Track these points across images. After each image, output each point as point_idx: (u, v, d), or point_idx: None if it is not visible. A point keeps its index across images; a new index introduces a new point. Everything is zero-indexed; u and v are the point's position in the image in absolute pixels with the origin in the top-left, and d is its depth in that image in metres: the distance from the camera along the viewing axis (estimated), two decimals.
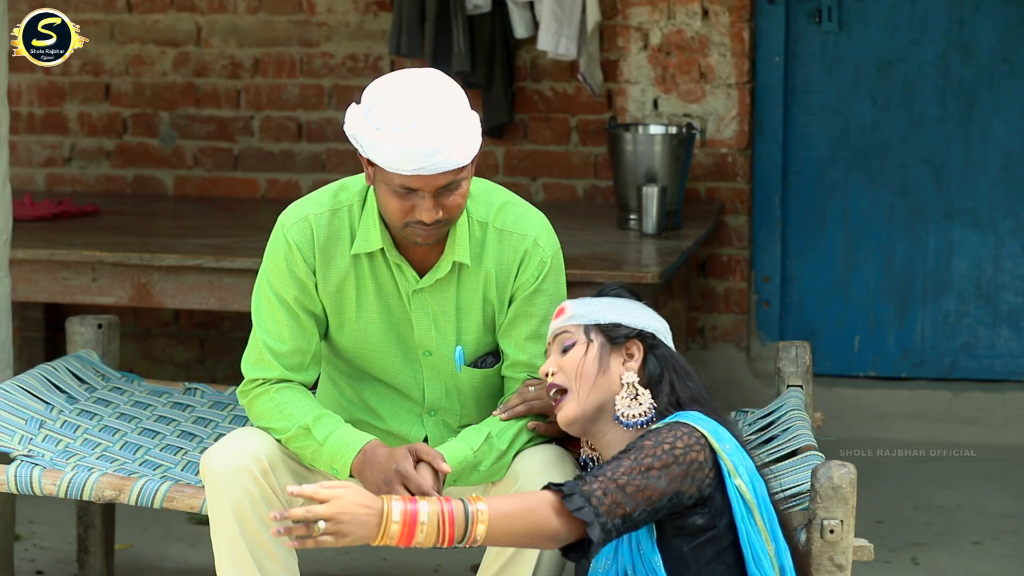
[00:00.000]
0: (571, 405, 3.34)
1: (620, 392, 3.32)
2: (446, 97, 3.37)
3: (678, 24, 6.11)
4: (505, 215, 3.58)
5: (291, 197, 6.38)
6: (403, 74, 3.42)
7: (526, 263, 3.56)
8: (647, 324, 3.38)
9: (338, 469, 3.48)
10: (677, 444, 3.11)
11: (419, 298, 3.56)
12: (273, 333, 3.57)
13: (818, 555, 3.34)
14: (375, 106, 3.37)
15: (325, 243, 3.55)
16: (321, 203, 3.58)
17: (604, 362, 3.33)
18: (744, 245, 6.19)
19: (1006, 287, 6.19)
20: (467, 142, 3.37)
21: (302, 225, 3.56)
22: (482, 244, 3.56)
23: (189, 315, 6.58)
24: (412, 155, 3.32)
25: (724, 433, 3.19)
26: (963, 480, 5.71)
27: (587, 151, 6.26)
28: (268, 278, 3.59)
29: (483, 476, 3.50)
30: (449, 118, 3.35)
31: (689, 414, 3.22)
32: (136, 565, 4.93)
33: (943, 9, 6.12)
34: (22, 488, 3.78)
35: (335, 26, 6.40)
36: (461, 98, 3.41)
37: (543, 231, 3.60)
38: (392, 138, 3.32)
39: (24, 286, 5.16)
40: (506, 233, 3.57)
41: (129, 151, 6.58)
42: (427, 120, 3.32)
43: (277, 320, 3.57)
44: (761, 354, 6.22)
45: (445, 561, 4.92)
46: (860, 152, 6.21)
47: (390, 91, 3.37)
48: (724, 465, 3.13)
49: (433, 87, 3.38)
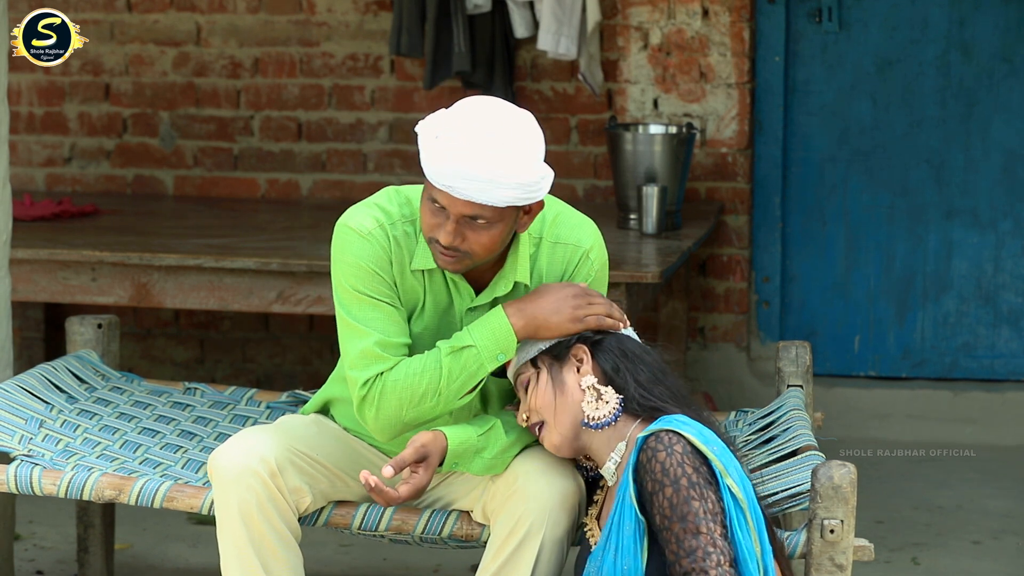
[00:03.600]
0: (550, 434, 3.42)
1: (583, 399, 3.38)
2: (515, 139, 3.35)
3: (678, 24, 6.11)
4: (558, 228, 3.57)
5: (291, 197, 6.42)
6: (497, 104, 3.40)
7: (575, 274, 3.56)
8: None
9: (504, 351, 3.43)
10: (688, 471, 3.12)
11: (472, 317, 3.55)
12: (381, 329, 3.49)
13: (818, 555, 3.34)
14: (452, 118, 3.37)
15: (398, 252, 3.52)
16: (390, 213, 3.53)
17: (558, 380, 3.41)
18: (744, 245, 6.18)
19: (1006, 287, 6.19)
20: (506, 187, 3.33)
21: (380, 232, 3.51)
22: (535, 259, 3.56)
23: (189, 315, 6.58)
24: (447, 170, 3.32)
25: (710, 435, 3.20)
26: (963, 480, 5.70)
27: (587, 151, 6.26)
28: (353, 283, 3.51)
29: (485, 464, 3.50)
30: (502, 157, 3.32)
31: (671, 419, 3.23)
32: (136, 565, 4.93)
33: (943, 9, 6.12)
34: (22, 488, 3.78)
35: (335, 26, 6.39)
36: (531, 148, 3.37)
37: (596, 243, 3.59)
38: (441, 147, 3.33)
39: (24, 286, 5.16)
40: (559, 245, 3.57)
41: (129, 151, 6.57)
42: (479, 145, 3.31)
43: (379, 317, 3.50)
44: (761, 354, 6.22)
45: (445, 561, 4.92)
46: (860, 152, 6.21)
47: (474, 111, 3.37)
48: (715, 466, 3.14)
49: (512, 126, 3.36)
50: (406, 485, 3.44)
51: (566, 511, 3.44)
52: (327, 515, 3.63)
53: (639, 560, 3.16)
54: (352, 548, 5.02)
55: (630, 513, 3.17)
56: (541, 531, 3.41)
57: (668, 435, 3.14)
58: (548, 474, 3.45)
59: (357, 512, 3.63)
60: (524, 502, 3.42)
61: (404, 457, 3.43)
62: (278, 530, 3.50)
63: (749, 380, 6.18)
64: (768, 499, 3.52)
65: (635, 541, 3.17)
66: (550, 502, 3.42)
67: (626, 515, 3.18)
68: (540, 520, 3.41)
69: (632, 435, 3.32)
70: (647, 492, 3.12)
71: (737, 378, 6.20)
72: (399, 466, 3.42)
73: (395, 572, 4.90)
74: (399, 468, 3.42)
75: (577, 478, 3.49)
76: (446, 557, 4.91)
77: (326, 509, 3.63)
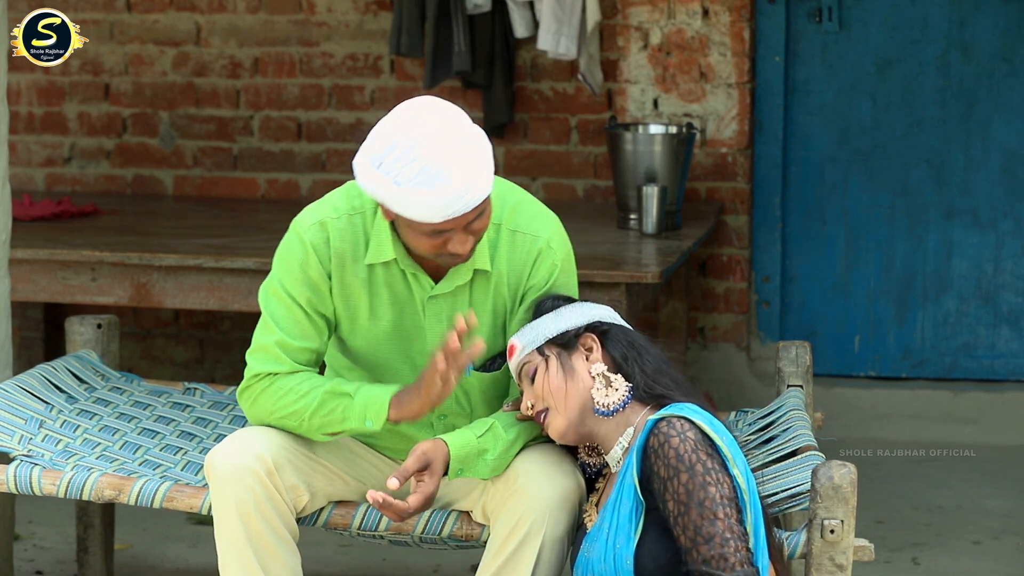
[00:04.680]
0: (556, 419, 3.41)
1: (593, 385, 3.38)
2: (456, 131, 3.32)
3: (678, 24, 6.10)
4: (518, 216, 3.57)
5: (291, 197, 6.42)
6: (403, 114, 3.35)
7: (538, 265, 3.55)
8: (591, 316, 3.47)
9: (372, 419, 3.48)
10: (702, 457, 3.13)
11: (434, 304, 3.55)
12: (286, 330, 3.54)
13: (818, 555, 3.34)
14: (386, 158, 3.31)
15: (341, 248, 3.54)
16: (338, 208, 3.55)
17: (568, 368, 3.41)
18: (744, 245, 6.18)
19: (1006, 287, 6.19)
20: (488, 169, 3.35)
21: (318, 229, 3.54)
22: (495, 246, 3.55)
23: (189, 315, 6.58)
24: (443, 205, 3.30)
25: (719, 425, 3.23)
26: (963, 480, 5.70)
27: (587, 151, 6.26)
28: (281, 278, 3.57)
29: (491, 466, 3.49)
30: (467, 155, 3.31)
31: (682, 406, 3.26)
32: (136, 565, 4.93)
33: (943, 9, 6.12)
34: (22, 488, 3.78)
35: (335, 26, 6.39)
36: (465, 124, 3.36)
37: (555, 233, 3.59)
38: (417, 193, 3.29)
39: (24, 286, 5.16)
40: (519, 234, 3.56)
41: (129, 151, 6.57)
42: (450, 167, 3.28)
43: (289, 318, 3.55)
44: (761, 354, 6.22)
45: (445, 561, 4.92)
46: (860, 152, 6.20)
47: (397, 138, 3.31)
48: (724, 454, 3.16)
49: (439, 123, 3.32)
50: (415, 495, 3.42)
51: (566, 510, 3.44)
52: (327, 515, 3.63)
53: (631, 541, 3.17)
54: (352, 548, 5.02)
55: (629, 492, 3.19)
56: (541, 531, 3.40)
57: (680, 421, 3.17)
58: (548, 473, 3.44)
59: (357, 512, 3.63)
60: (524, 502, 3.42)
61: (407, 467, 3.42)
62: (276, 529, 3.50)
63: (749, 380, 6.18)
64: (768, 499, 3.52)
65: (630, 521, 3.18)
66: (550, 501, 3.42)
67: (625, 495, 3.20)
68: (540, 520, 3.41)
69: (640, 422, 3.34)
70: (658, 478, 3.13)
71: (737, 378, 6.19)
72: (403, 477, 3.41)
73: (395, 572, 4.90)
74: (404, 479, 3.41)
75: (578, 477, 3.49)
76: (446, 557, 4.91)
77: (326, 509, 3.63)
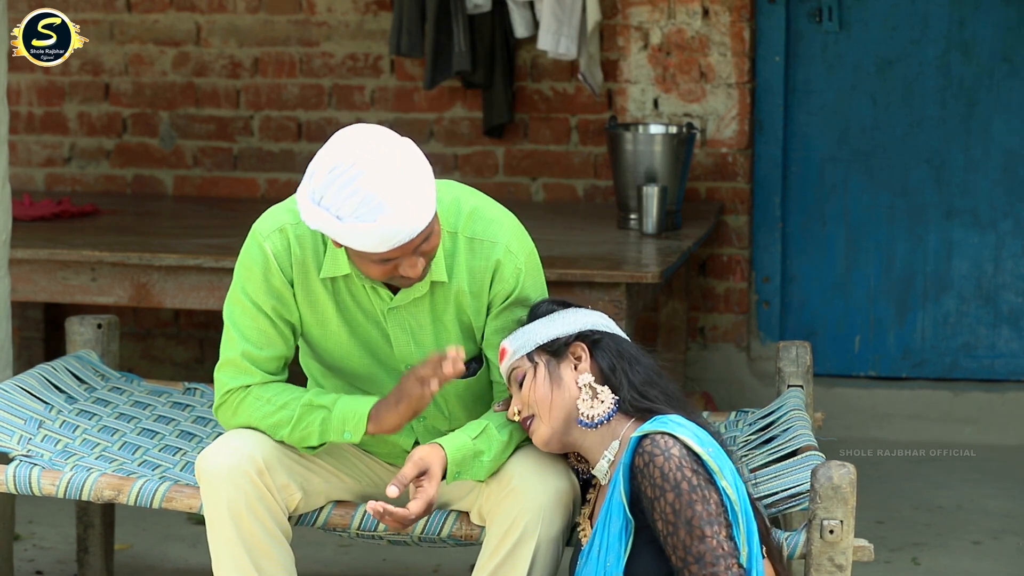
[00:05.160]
0: (540, 427, 3.40)
1: (579, 396, 3.37)
2: (393, 160, 3.28)
3: (678, 24, 6.10)
4: (474, 223, 3.52)
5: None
6: (339, 145, 3.31)
7: (500, 271, 3.51)
8: (583, 324, 3.45)
9: (351, 431, 3.47)
10: (687, 474, 3.11)
11: (394, 315, 3.54)
12: (252, 340, 3.53)
13: (818, 555, 3.34)
14: (325, 193, 3.28)
15: (302, 254, 3.52)
16: (296, 212, 3.52)
17: (555, 376, 3.40)
18: (744, 245, 6.18)
19: (1006, 287, 6.18)
20: (429, 195, 3.30)
21: (279, 236, 3.53)
22: (453, 255, 3.51)
23: (189, 315, 6.58)
24: (386, 236, 3.27)
25: (704, 436, 3.20)
26: (963, 480, 5.70)
27: (587, 151, 6.26)
28: (243, 286, 3.55)
29: (487, 467, 3.48)
30: (407, 184, 3.27)
31: (665, 419, 3.22)
32: (136, 565, 4.93)
33: (943, 9, 6.12)
34: (21, 488, 3.78)
35: (335, 26, 6.39)
36: (403, 150, 3.31)
37: (513, 236, 3.54)
38: (360, 228, 3.26)
39: (24, 286, 5.16)
40: (476, 242, 3.51)
41: (129, 151, 6.57)
42: (389, 198, 3.24)
43: (254, 327, 3.54)
44: (761, 354, 6.22)
45: (444, 561, 4.92)
46: (860, 152, 6.20)
47: (334, 171, 3.27)
48: (710, 467, 3.13)
49: (375, 153, 3.27)
50: (416, 501, 3.40)
51: (561, 510, 3.43)
52: (326, 516, 3.63)
53: (621, 560, 3.16)
54: (351, 548, 5.02)
55: (618, 511, 3.18)
56: (536, 531, 3.40)
57: (664, 438, 3.14)
58: (542, 473, 3.44)
59: (356, 513, 3.62)
60: (519, 502, 3.41)
61: (405, 474, 3.41)
62: (268, 529, 3.50)
63: (749, 380, 6.18)
64: (768, 499, 3.53)
65: (620, 540, 3.17)
66: (545, 502, 3.41)
67: (613, 513, 3.19)
68: (535, 520, 3.40)
69: (626, 435, 3.32)
70: (646, 497, 3.12)
71: (737, 378, 6.19)
72: (402, 484, 3.39)
73: (394, 572, 4.90)
74: (403, 486, 3.40)
75: (571, 477, 3.49)
76: (446, 557, 4.91)
77: (325, 509, 3.63)
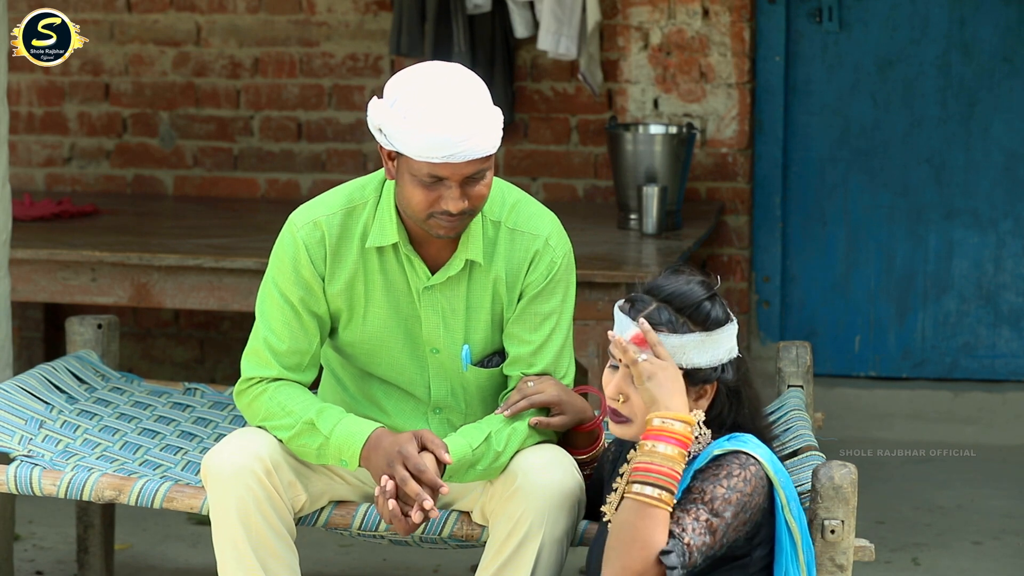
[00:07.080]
0: (631, 431, 3.20)
1: None
2: (472, 87, 3.41)
3: (678, 24, 6.10)
4: (517, 214, 3.60)
5: (291, 197, 6.41)
6: (427, 66, 3.45)
7: (536, 262, 3.57)
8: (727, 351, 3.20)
9: (347, 460, 3.49)
10: (746, 491, 3.08)
11: (429, 295, 3.57)
12: (275, 331, 3.58)
13: (819, 555, 3.34)
14: (400, 97, 3.39)
15: (336, 244, 3.56)
16: (332, 204, 3.59)
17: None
18: (744, 245, 6.18)
19: (1007, 287, 6.19)
20: (494, 131, 3.41)
21: (312, 227, 3.57)
22: (494, 243, 3.57)
23: (189, 315, 6.58)
24: (442, 142, 3.35)
25: (778, 464, 3.16)
26: (963, 480, 5.70)
27: (587, 151, 6.26)
28: (274, 276, 3.59)
29: (478, 475, 3.50)
30: (477, 107, 3.39)
31: (747, 440, 3.15)
32: (136, 565, 4.93)
33: (944, 9, 6.12)
34: (22, 488, 3.78)
35: (335, 26, 6.39)
36: (485, 90, 3.45)
37: (554, 231, 3.61)
38: (421, 126, 3.35)
39: (24, 286, 5.16)
40: (518, 232, 3.58)
41: (129, 151, 6.57)
42: (457, 108, 3.35)
43: (279, 318, 3.57)
44: (761, 354, 6.22)
45: (445, 561, 4.92)
46: (860, 152, 6.20)
47: (416, 82, 3.40)
48: (778, 498, 3.12)
49: (459, 77, 3.41)
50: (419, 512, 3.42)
51: (566, 510, 3.43)
52: (327, 515, 3.63)
53: None
54: (352, 548, 5.02)
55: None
56: (541, 531, 3.40)
57: (745, 456, 3.11)
58: (548, 473, 3.44)
59: (357, 513, 3.62)
60: (524, 502, 3.41)
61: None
62: (275, 528, 3.50)
63: None
64: None
65: None
66: (550, 502, 3.41)
67: None
68: (540, 520, 3.40)
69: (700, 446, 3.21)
70: (699, 474, 3.09)
71: None
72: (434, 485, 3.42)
73: (395, 573, 4.90)
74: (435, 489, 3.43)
75: (577, 476, 3.48)
76: (446, 557, 4.90)
77: (326, 509, 3.63)
